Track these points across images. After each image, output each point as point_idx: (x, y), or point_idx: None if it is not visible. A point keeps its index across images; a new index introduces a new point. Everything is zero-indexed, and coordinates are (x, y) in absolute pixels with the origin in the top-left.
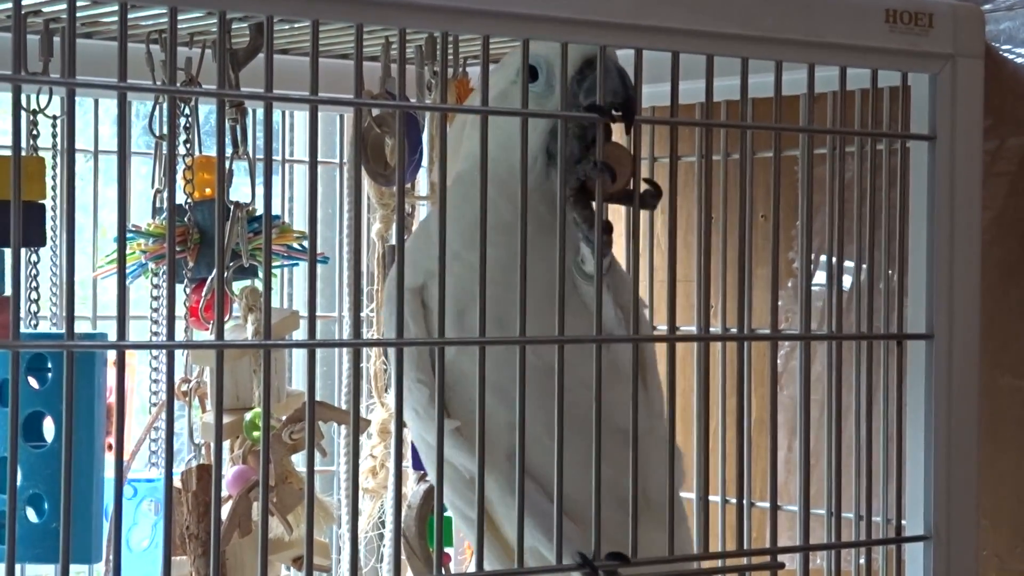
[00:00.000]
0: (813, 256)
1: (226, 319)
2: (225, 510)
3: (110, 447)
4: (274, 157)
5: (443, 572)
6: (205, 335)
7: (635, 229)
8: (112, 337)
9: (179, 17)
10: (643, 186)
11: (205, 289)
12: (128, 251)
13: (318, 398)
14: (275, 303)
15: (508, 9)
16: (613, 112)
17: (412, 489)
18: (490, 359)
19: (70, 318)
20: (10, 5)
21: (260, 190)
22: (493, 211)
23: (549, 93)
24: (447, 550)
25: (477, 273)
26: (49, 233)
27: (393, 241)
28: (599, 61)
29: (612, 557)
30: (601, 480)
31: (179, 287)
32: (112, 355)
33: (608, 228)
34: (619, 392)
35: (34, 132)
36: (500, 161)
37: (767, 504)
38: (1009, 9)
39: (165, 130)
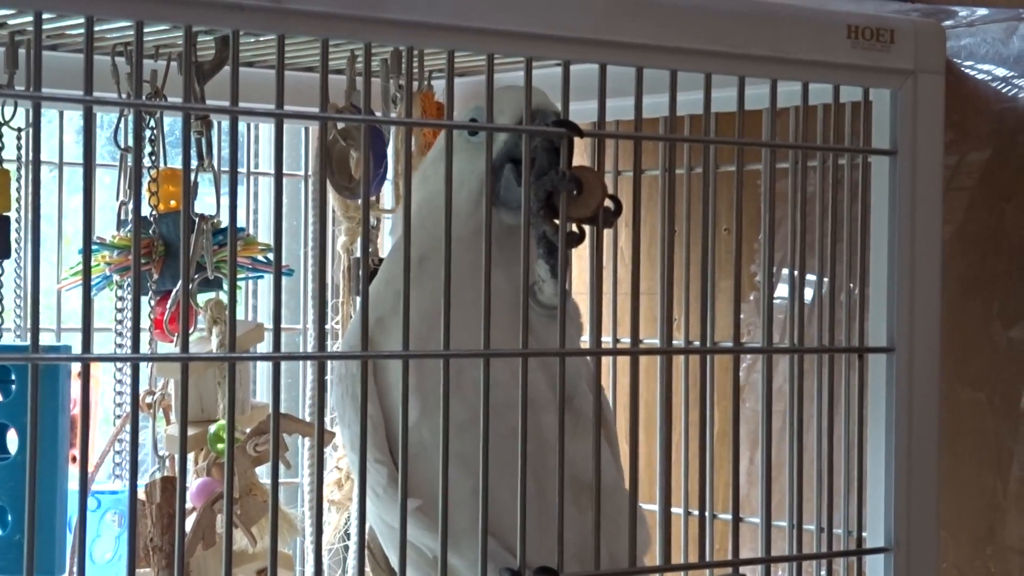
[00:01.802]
0: (775, 269)
1: (191, 331)
2: (189, 522)
3: (74, 459)
4: (239, 169)
5: None
6: (169, 347)
7: (599, 243)
8: (76, 349)
9: (145, 30)
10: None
11: (170, 301)
12: (92, 263)
13: (282, 410)
14: (239, 315)
15: (473, 24)
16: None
17: None
18: (452, 425)
19: (35, 331)
20: None
21: (225, 202)
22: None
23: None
24: None
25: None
26: (14, 244)
27: (358, 254)
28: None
29: (542, 571)
30: (571, 542)
31: (144, 299)
32: (76, 367)
33: (579, 238)
34: (584, 446)
35: None
36: (466, 215)
37: (729, 516)
38: (970, 25)
39: (130, 142)
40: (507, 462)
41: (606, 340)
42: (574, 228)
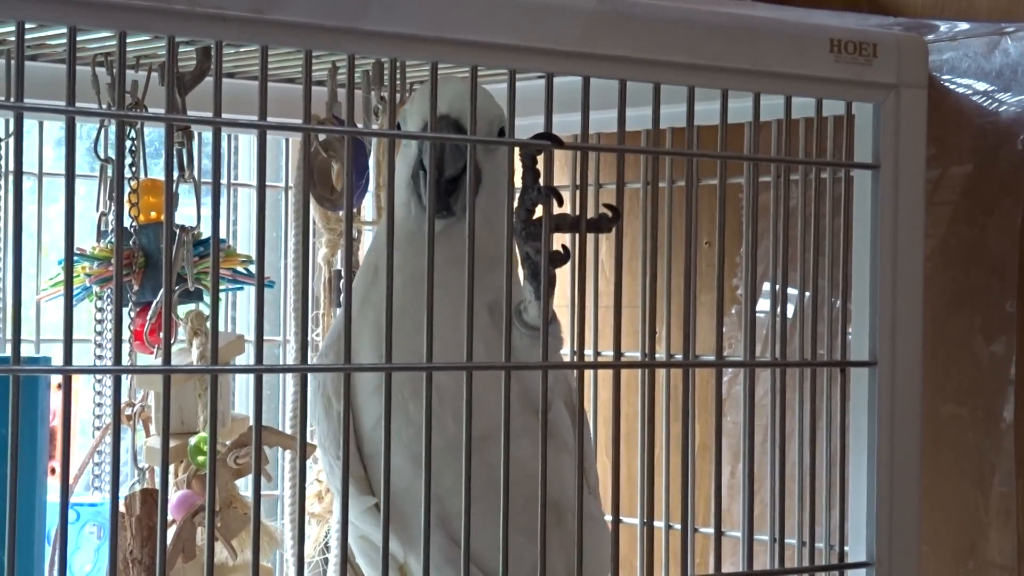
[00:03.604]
0: (757, 283)
1: (171, 343)
2: (169, 535)
3: (52, 471)
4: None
5: None
6: (149, 359)
7: (581, 256)
8: (56, 360)
9: (127, 40)
10: (602, 211)
11: (150, 313)
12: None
13: (263, 423)
14: (220, 327)
15: (456, 36)
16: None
17: None
18: (412, 429)
19: (16, 342)
20: None
21: (205, 213)
22: (404, 269)
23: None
24: None
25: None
26: None
27: (339, 265)
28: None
29: None
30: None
31: (124, 311)
32: (56, 378)
33: (564, 258)
34: (554, 462)
35: None
36: (402, 220)
37: (711, 530)
38: (952, 40)
39: (111, 153)
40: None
41: (587, 353)
42: (559, 248)
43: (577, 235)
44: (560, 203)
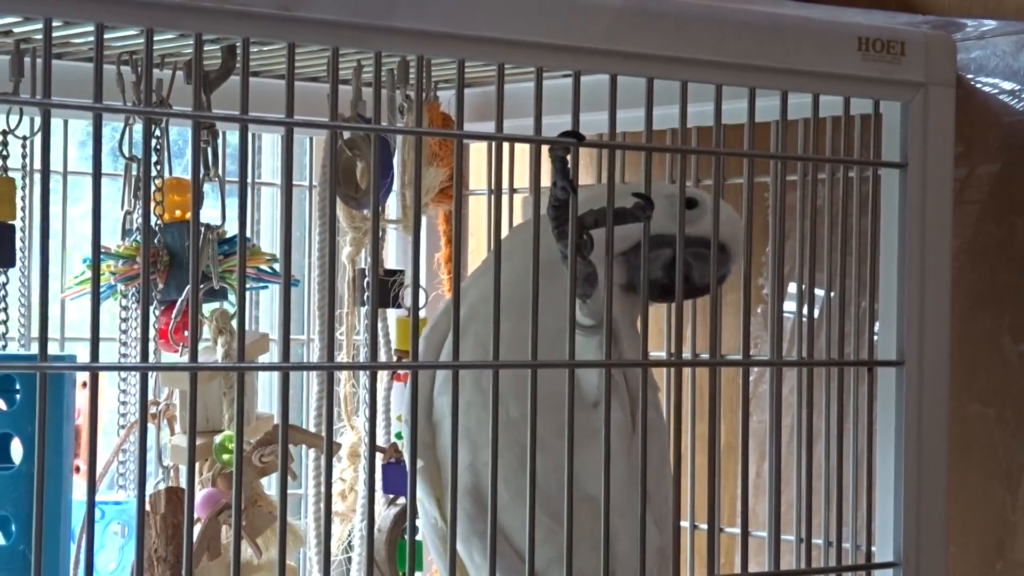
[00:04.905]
0: (783, 282)
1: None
2: (194, 533)
3: (77, 469)
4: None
5: None
6: (174, 357)
7: (609, 257)
8: (81, 358)
9: (154, 38)
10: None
11: (175, 311)
12: None
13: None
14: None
15: (484, 33)
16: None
17: (382, 513)
18: (475, 408)
19: (44, 339)
20: None
21: (229, 212)
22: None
23: None
24: (417, 574)
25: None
26: (18, 254)
27: (363, 264)
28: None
29: None
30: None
31: (149, 309)
32: (81, 377)
33: (588, 246)
34: (587, 457)
35: (4, 153)
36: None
37: (737, 529)
38: (979, 38)
39: (136, 152)
40: (506, 448)
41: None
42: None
43: (605, 232)
44: (575, 196)
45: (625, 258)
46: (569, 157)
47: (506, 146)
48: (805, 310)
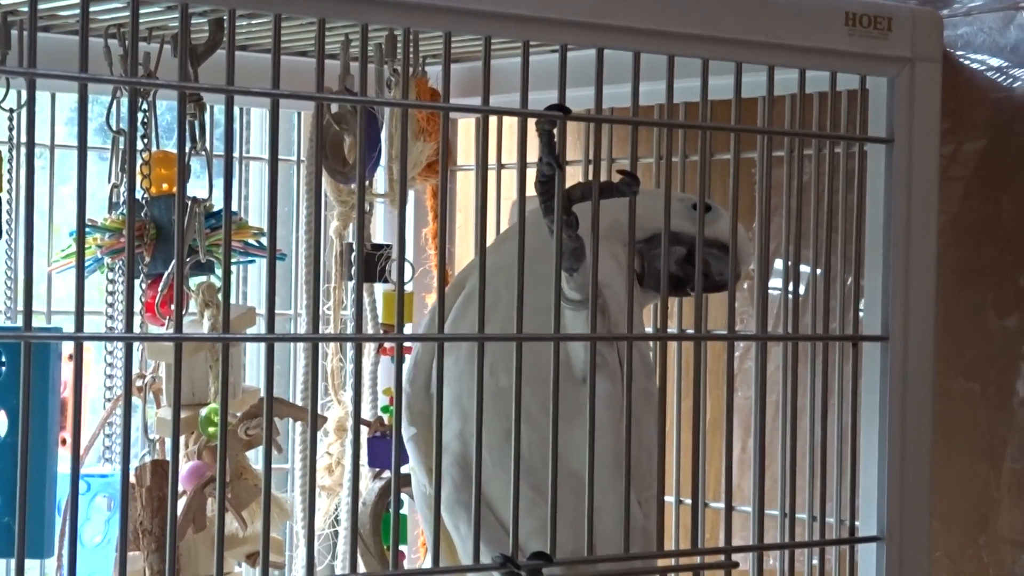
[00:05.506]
0: (769, 258)
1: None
2: (179, 506)
3: (63, 441)
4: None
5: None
6: (161, 330)
7: (595, 232)
8: (68, 331)
9: (140, 10)
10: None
11: (161, 284)
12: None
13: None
14: (231, 299)
15: (470, 7)
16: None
17: (367, 486)
18: (464, 380)
19: (28, 309)
20: None
21: (216, 185)
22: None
23: None
24: (401, 547)
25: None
26: (4, 227)
27: (351, 238)
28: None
29: (536, 556)
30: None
31: (135, 282)
32: (67, 350)
33: (574, 224)
34: (573, 431)
35: None
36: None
37: (721, 504)
38: (966, 15)
39: (123, 125)
40: (492, 419)
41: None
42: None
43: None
44: (562, 171)
45: (637, 250)
46: (556, 131)
47: (493, 122)
48: (791, 286)
